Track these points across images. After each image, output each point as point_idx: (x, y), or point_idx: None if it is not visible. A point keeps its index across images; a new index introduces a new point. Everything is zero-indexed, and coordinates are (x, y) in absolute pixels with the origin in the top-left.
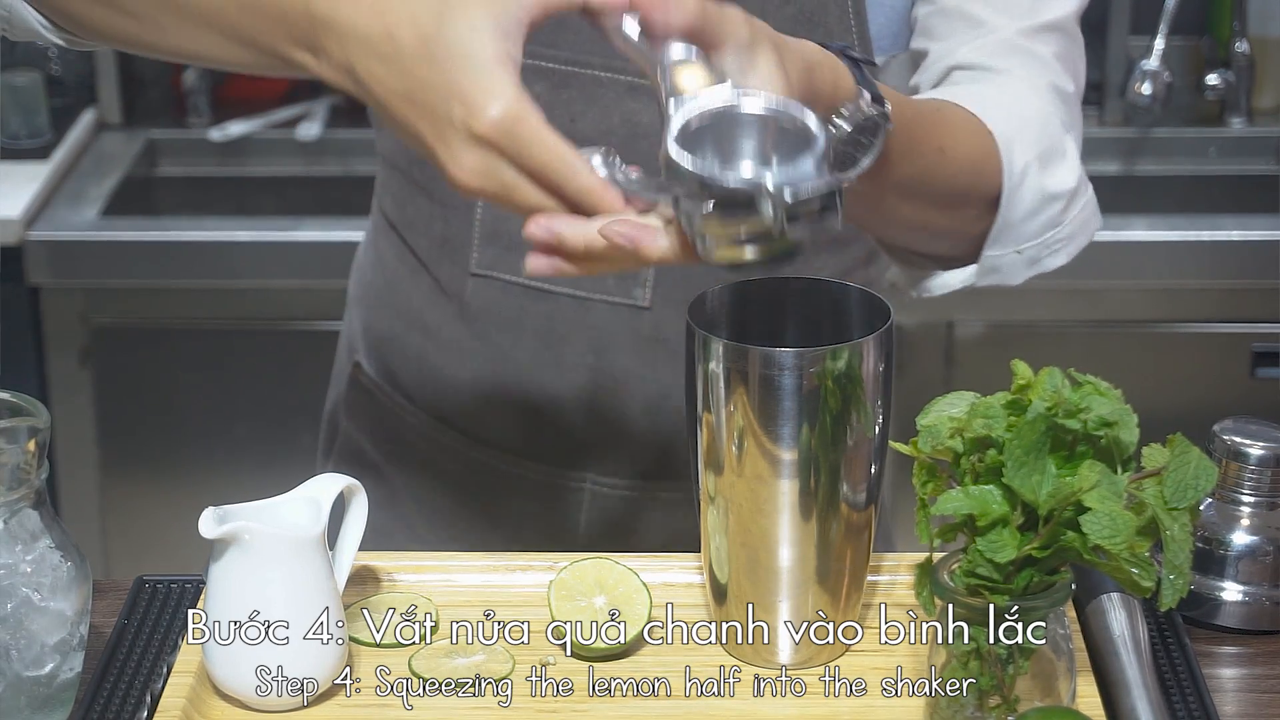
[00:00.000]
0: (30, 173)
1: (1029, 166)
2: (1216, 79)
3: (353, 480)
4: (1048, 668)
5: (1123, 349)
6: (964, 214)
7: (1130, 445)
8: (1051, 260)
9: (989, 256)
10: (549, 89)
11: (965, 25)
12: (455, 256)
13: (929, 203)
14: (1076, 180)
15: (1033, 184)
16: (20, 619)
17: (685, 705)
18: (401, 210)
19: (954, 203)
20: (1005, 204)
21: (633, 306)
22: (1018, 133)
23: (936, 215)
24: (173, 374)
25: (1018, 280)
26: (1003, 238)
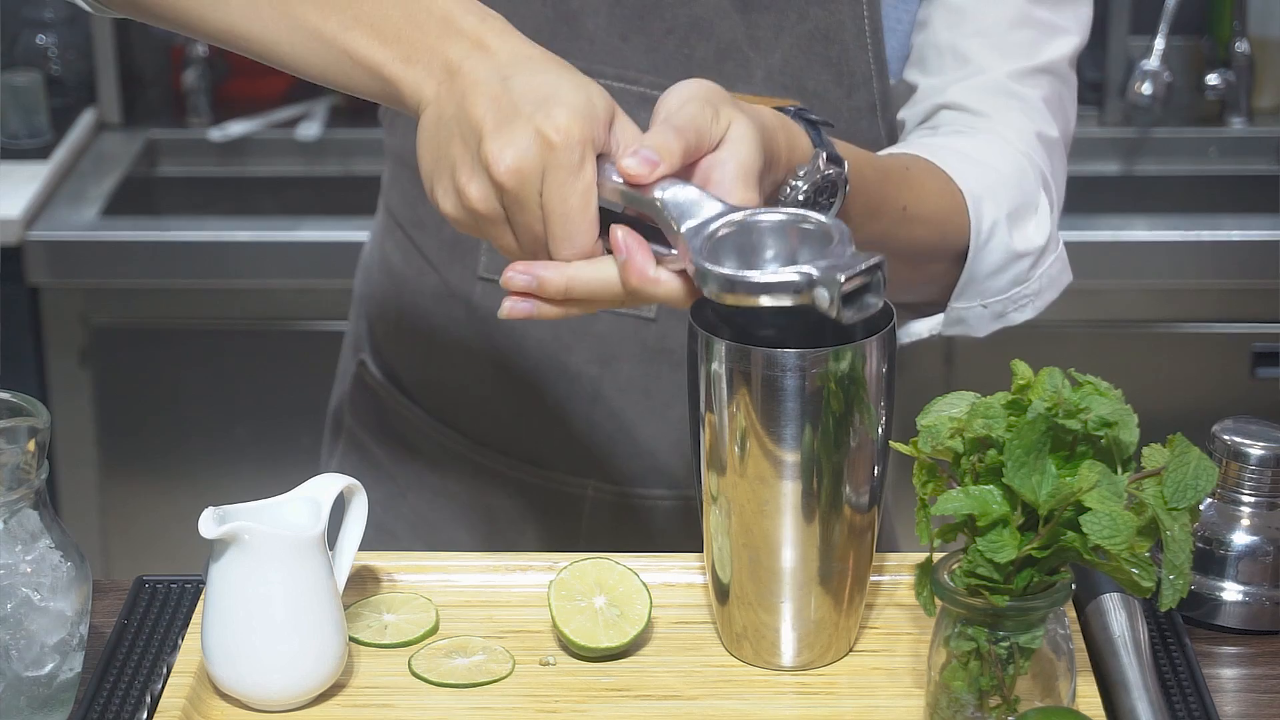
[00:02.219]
0: (30, 173)
1: (997, 225)
2: (1217, 79)
3: (353, 480)
4: (1048, 668)
5: (1123, 349)
6: (928, 270)
7: (1130, 445)
8: (1018, 315)
9: (955, 308)
10: None
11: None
12: (464, 259)
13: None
14: (1046, 238)
15: (1000, 242)
16: (20, 619)
17: (685, 705)
18: (411, 210)
19: (918, 259)
20: (971, 260)
21: (639, 318)
22: (988, 190)
23: (901, 269)
24: (173, 374)
25: (983, 333)
26: (968, 291)
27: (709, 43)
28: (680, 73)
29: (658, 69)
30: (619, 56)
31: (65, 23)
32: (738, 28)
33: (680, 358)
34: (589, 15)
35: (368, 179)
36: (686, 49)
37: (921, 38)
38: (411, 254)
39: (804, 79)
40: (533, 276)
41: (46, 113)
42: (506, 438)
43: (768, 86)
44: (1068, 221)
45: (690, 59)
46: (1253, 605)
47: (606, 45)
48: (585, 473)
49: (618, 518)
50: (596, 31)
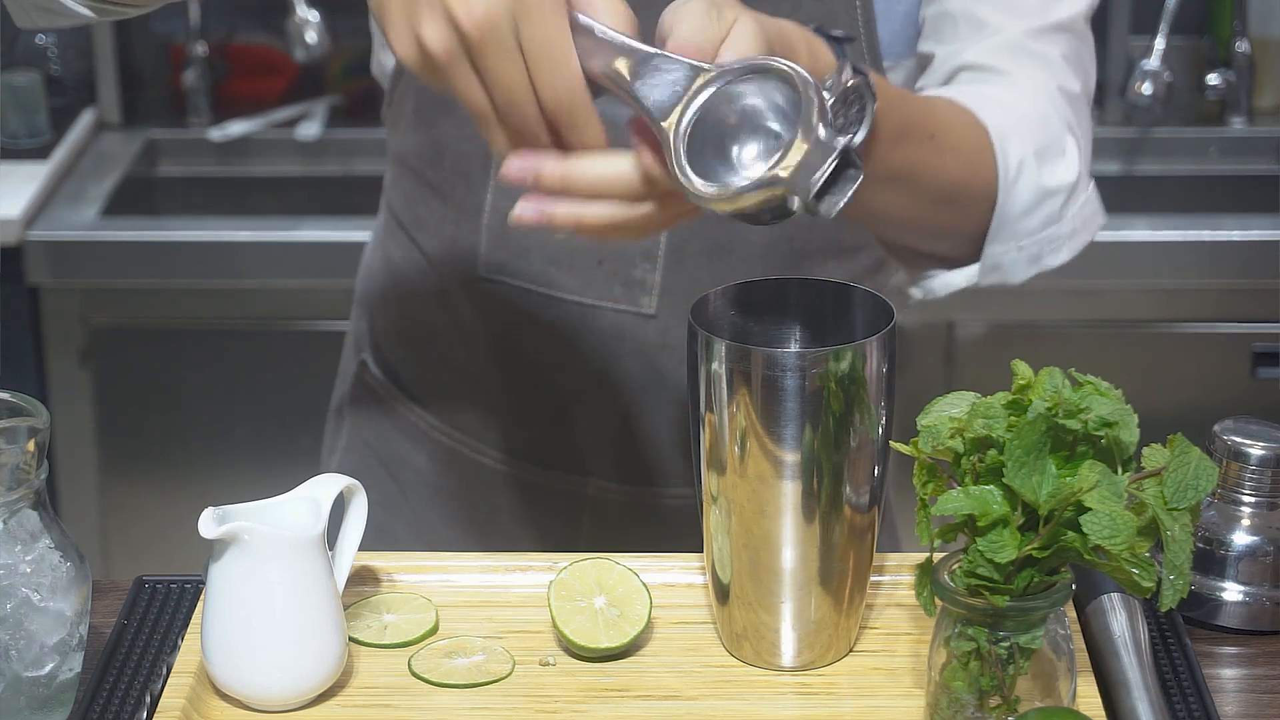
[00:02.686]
0: (30, 173)
1: (1024, 162)
2: (1217, 79)
3: (353, 480)
4: (1048, 668)
5: (1123, 349)
6: (961, 211)
7: (1130, 445)
8: (1053, 258)
9: (990, 253)
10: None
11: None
12: (464, 259)
13: (925, 197)
14: (1076, 176)
15: (1029, 179)
16: (20, 619)
17: (685, 706)
18: (412, 210)
19: (950, 197)
20: (1002, 198)
21: (639, 314)
22: (1013, 129)
23: (933, 211)
24: (173, 374)
25: (1020, 278)
26: (1002, 233)
27: None
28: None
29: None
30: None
31: None
32: None
33: (680, 354)
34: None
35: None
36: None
37: (934, 9)
38: (412, 254)
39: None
40: (529, 166)
41: (46, 113)
42: (507, 436)
43: None
44: None
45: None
46: (1253, 605)
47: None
48: (586, 471)
49: (618, 516)
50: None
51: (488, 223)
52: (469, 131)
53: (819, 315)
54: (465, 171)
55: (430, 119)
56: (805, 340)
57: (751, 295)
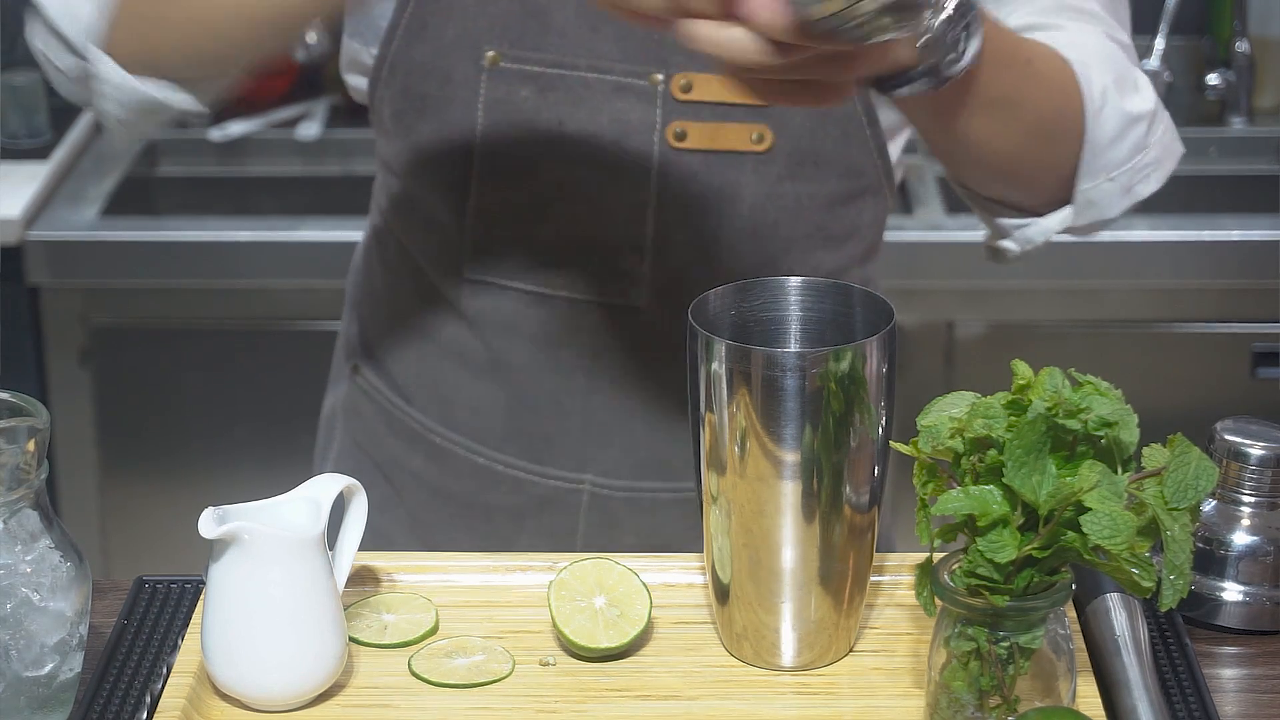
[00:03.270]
0: (30, 173)
1: (1107, 90)
2: (1217, 79)
3: (352, 480)
4: (1048, 668)
5: (1123, 349)
6: (1053, 145)
7: (1130, 445)
8: (1144, 187)
9: (1083, 190)
10: (535, 92)
11: None
12: (449, 262)
13: (1021, 126)
14: (1154, 104)
15: (1114, 106)
16: (20, 619)
17: (685, 706)
18: (397, 214)
19: (1043, 128)
20: (1090, 126)
21: (628, 307)
22: (1091, 59)
23: (1028, 144)
24: (173, 374)
25: (1115, 212)
26: (1093, 166)
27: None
28: (652, 58)
29: (629, 56)
30: (590, 47)
31: None
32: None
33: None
34: (557, 9)
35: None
36: (657, 34)
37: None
38: (401, 257)
39: None
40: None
41: (46, 113)
42: (502, 435)
43: None
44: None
45: (661, 43)
46: (1253, 605)
47: (577, 37)
48: (582, 468)
49: (615, 513)
50: (566, 25)
51: (471, 224)
52: (450, 133)
53: (819, 315)
54: (447, 176)
55: (409, 125)
56: (805, 340)
57: (751, 295)
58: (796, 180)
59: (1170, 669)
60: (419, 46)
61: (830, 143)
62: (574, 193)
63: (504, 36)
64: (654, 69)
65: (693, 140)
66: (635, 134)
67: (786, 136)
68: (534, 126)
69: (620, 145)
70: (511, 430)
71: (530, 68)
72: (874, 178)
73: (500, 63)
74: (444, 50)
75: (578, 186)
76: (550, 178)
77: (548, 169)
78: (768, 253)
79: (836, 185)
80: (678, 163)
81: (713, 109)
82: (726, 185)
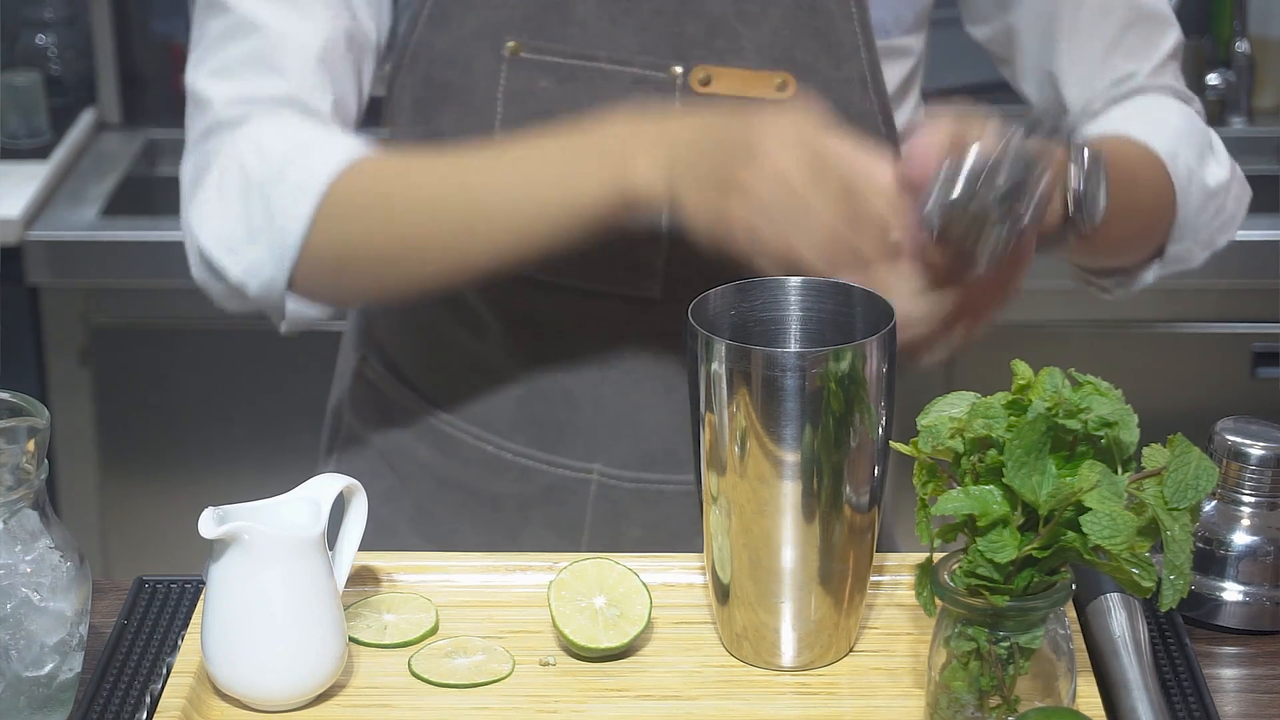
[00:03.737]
0: (30, 173)
1: (1192, 171)
2: (1217, 79)
3: (352, 480)
4: (1048, 668)
5: (1123, 349)
6: (1153, 231)
7: (1130, 445)
8: (1222, 238)
9: (1171, 251)
10: (555, 83)
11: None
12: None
13: (1131, 231)
14: (1229, 167)
15: (1199, 184)
16: (20, 619)
17: (685, 705)
18: None
19: (1148, 224)
20: (1180, 206)
21: (643, 299)
22: (1176, 143)
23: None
24: (173, 374)
25: (1198, 263)
26: (1181, 233)
27: (699, 20)
28: (671, 51)
29: (649, 49)
30: (610, 40)
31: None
32: (726, 3)
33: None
34: (577, 2)
35: None
36: (677, 27)
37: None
38: None
39: (793, 50)
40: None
41: (46, 113)
42: (511, 423)
43: (758, 59)
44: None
45: (681, 36)
46: (1253, 605)
47: (597, 30)
48: (590, 457)
49: (623, 504)
50: (586, 17)
51: None
52: (470, 121)
53: (819, 315)
54: None
55: (429, 112)
56: (805, 340)
57: (751, 295)
58: None
59: (1170, 669)
60: (440, 35)
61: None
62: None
63: (525, 27)
64: (673, 61)
65: None
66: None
67: None
68: (553, 117)
69: None
70: (521, 418)
71: (550, 58)
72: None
73: (521, 53)
74: (465, 39)
75: None
76: None
77: None
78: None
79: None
80: None
81: (731, 103)
82: None
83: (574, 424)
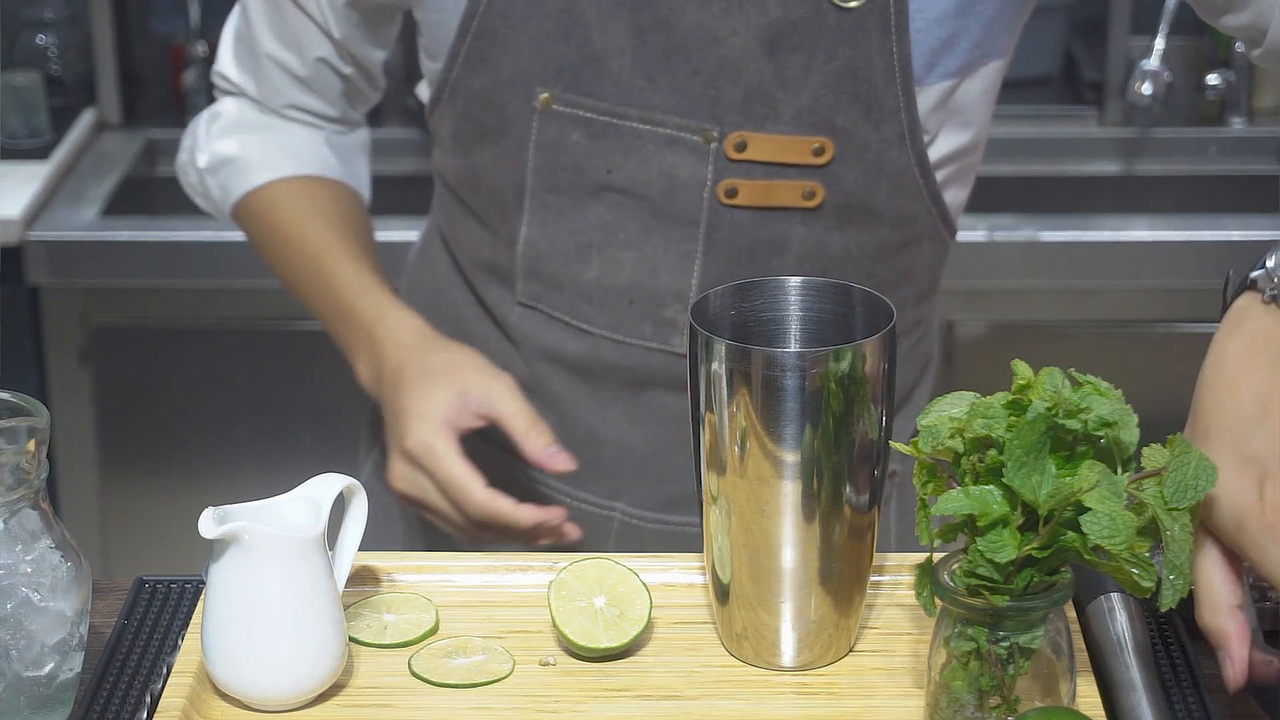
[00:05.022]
0: (30, 173)
1: None
2: (1217, 79)
3: (353, 480)
4: (1048, 668)
5: (1123, 349)
6: None
7: (1130, 445)
8: None
9: None
10: (586, 138)
11: None
12: (501, 282)
13: None
14: None
15: None
16: (20, 619)
17: (685, 705)
18: (452, 228)
19: None
20: None
21: (669, 353)
22: None
23: None
24: (173, 374)
25: None
26: None
27: (736, 85)
28: (707, 114)
29: (684, 110)
30: (644, 98)
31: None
32: (766, 69)
33: None
34: (613, 56)
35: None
36: (714, 90)
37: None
38: (453, 268)
39: (833, 116)
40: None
41: (46, 113)
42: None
43: (796, 125)
44: (1068, 221)
45: (718, 101)
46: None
47: (631, 86)
48: (614, 497)
49: (644, 543)
50: (621, 73)
51: (522, 253)
52: (505, 164)
53: (819, 315)
54: (500, 202)
55: (467, 147)
56: (805, 340)
57: (751, 295)
58: (846, 230)
59: (1170, 669)
60: (478, 76)
61: (882, 195)
62: (620, 239)
63: (558, 79)
64: (709, 125)
65: (743, 198)
66: (685, 188)
67: (838, 192)
68: (583, 170)
69: (669, 198)
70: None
71: (582, 113)
72: (928, 224)
73: (553, 105)
74: (500, 84)
75: (624, 234)
76: (598, 221)
77: (595, 213)
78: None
79: (888, 235)
80: (727, 218)
81: (765, 168)
82: (775, 238)
83: (599, 463)
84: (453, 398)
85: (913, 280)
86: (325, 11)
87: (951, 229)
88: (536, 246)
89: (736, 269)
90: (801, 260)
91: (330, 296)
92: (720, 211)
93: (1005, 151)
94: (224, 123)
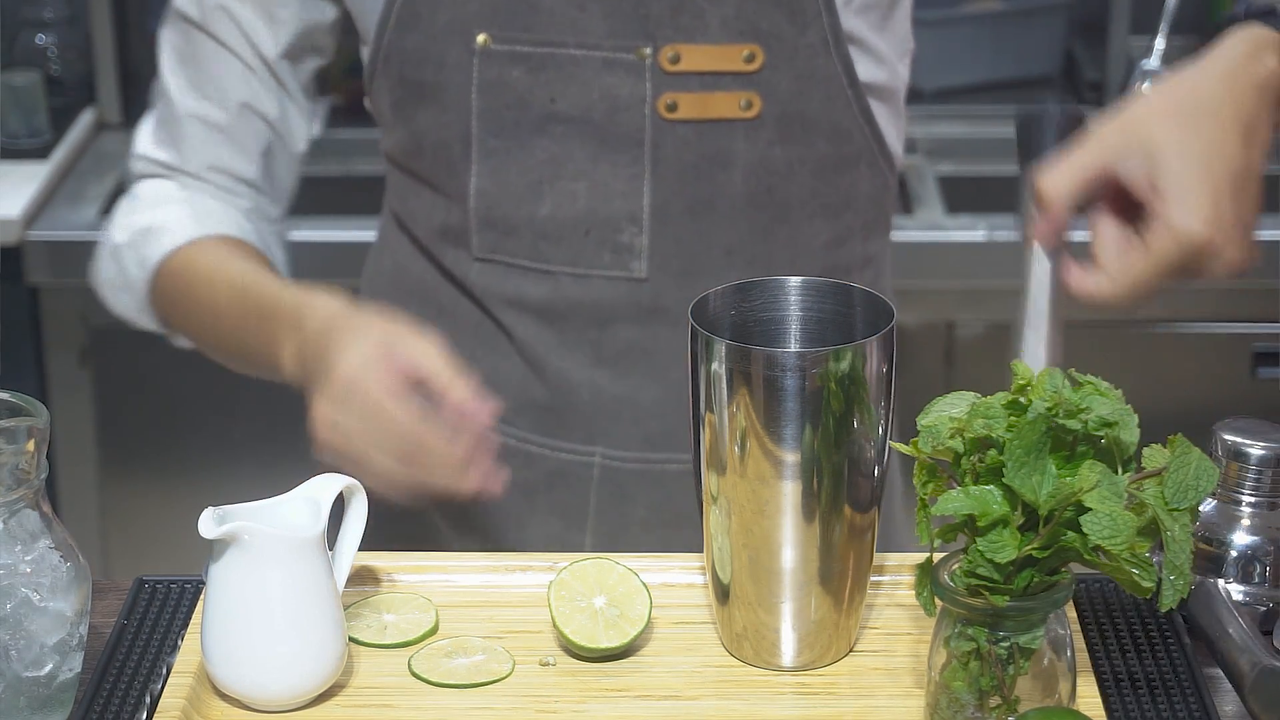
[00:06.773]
0: (30, 172)
1: None
2: None
3: (352, 480)
4: (1048, 668)
5: (1123, 349)
6: None
7: (1131, 445)
8: None
9: None
10: (526, 72)
11: None
12: (456, 243)
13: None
14: None
15: None
16: (20, 619)
17: (685, 706)
18: (404, 203)
19: None
20: None
21: (630, 280)
22: None
23: None
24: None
25: None
26: None
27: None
28: (639, 32)
29: (616, 32)
30: (577, 26)
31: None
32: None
33: (674, 316)
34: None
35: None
36: (642, 8)
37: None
38: (411, 245)
39: (758, 21)
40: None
41: (46, 113)
42: (513, 409)
43: (725, 33)
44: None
45: (647, 17)
46: (1253, 605)
47: (564, 16)
48: (591, 440)
49: (627, 486)
50: (553, 4)
51: (474, 206)
52: (448, 118)
53: (819, 315)
54: (447, 159)
55: (408, 113)
56: (805, 340)
57: (751, 295)
58: (786, 144)
59: (1170, 669)
60: (411, 35)
61: (815, 104)
62: (569, 170)
63: (493, 20)
64: (641, 43)
65: (684, 111)
66: (626, 108)
67: (774, 101)
68: (527, 106)
69: (612, 120)
70: (522, 404)
71: (520, 48)
72: (863, 144)
73: (491, 45)
74: (436, 36)
75: (573, 163)
76: (545, 156)
77: (543, 147)
78: (764, 220)
79: (825, 148)
80: (670, 134)
81: (701, 79)
82: (719, 153)
83: (573, 407)
84: (380, 348)
85: (856, 209)
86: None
87: (890, 162)
88: (488, 195)
89: (685, 188)
90: (747, 176)
91: (251, 308)
92: (663, 128)
93: (1005, 151)
94: (140, 201)
